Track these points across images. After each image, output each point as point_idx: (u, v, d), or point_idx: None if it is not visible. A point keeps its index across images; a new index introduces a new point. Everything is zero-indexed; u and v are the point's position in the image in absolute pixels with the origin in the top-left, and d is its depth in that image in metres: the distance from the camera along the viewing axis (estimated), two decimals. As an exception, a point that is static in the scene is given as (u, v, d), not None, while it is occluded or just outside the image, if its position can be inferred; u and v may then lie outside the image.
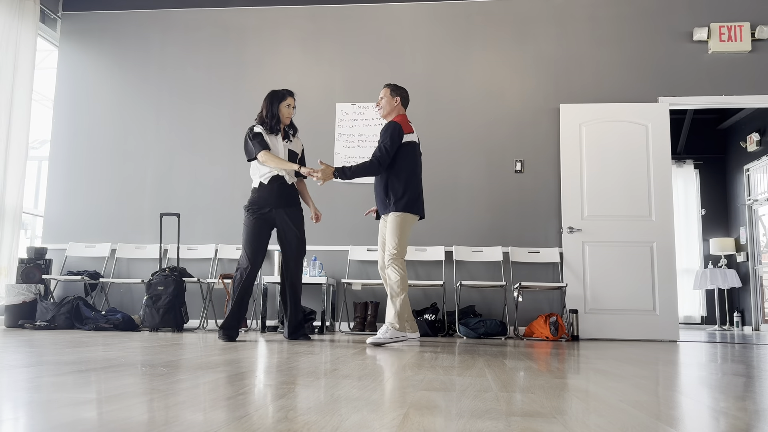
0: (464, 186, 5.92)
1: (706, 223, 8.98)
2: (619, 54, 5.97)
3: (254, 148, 4.20)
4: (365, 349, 3.52)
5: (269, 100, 4.34)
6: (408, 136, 4.11)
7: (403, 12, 6.24)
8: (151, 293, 5.19)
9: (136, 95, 6.39)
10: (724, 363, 2.96)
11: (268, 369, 2.24)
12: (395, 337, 3.95)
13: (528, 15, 6.11)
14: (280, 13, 6.37)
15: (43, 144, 7.88)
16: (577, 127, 5.80)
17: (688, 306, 8.86)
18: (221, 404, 1.42)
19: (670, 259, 5.56)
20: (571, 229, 5.67)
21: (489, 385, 1.90)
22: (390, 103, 4.22)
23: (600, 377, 2.21)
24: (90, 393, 1.54)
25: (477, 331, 5.26)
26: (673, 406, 1.54)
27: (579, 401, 1.59)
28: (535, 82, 6.01)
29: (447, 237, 5.87)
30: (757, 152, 8.00)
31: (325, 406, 1.42)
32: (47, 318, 5.28)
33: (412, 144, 4.13)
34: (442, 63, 6.12)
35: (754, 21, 5.84)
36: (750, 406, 1.57)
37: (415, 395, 1.63)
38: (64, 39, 6.54)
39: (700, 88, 5.84)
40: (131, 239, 6.15)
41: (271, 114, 4.31)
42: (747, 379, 2.25)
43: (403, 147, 4.07)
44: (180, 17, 6.47)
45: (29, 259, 5.71)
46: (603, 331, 5.52)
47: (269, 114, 4.31)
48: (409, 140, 4.11)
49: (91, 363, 2.31)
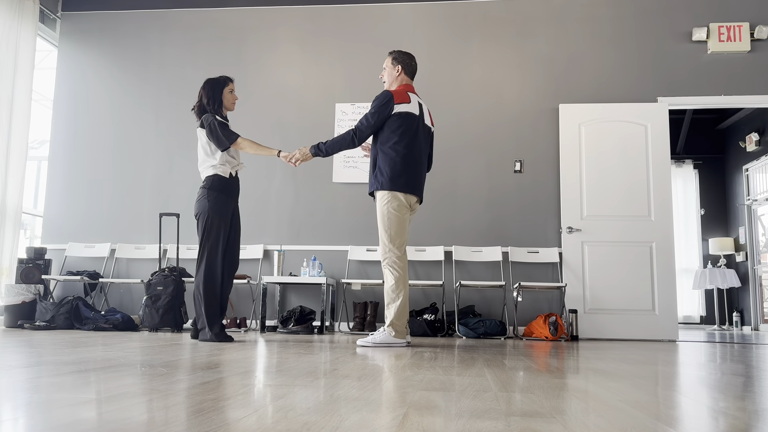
0: (464, 186, 5.93)
1: (705, 223, 8.98)
2: (618, 54, 5.97)
3: (229, 135, 3.93)
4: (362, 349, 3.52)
5: (210, 87, 4.05)
6: (403, 107, 3.71)
7: (402, 12, 6.24)
8: (150, 293, 5.19)
9: (136, 95, 6.39)
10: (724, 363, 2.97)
11: (267, 369, 2.24)
12: (390, 342, 3.66)
13: (527, 15, 6.11)
14: (279, 13, 6.37)
15: (42, 144, 7.88)
16: (577, 127, 5.81)
17: (688, 306, 8.86)
18: (221, 404, 1.42)
19: (670, 258, 5.57)
20: (571, 229, 5.67)
21: (488, 385, 1.90)
22: (391, 74, 3.88)
23: (599, 377, 2.21)
24: (89, 393, 1.54)
25: (476, 331, 5.26)
26: (672, 406, 1.54)
27: (578, 401, 1.59)
28: (535, 82, 6.01)
29: (446, 237, 5.87)
30: (756, 152, 8.00)
31: (325, 406, 1.42)
32: (46, 318, 5.28)
33: (409, 115, 3.72)
34: (442, 63, 6.12)
35: (753, 21, 5.85)
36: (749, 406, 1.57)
37: (414, 395, 1.63)
38: (64, 39, 6.53)
39: (700, 88, 5.84)
40: (131, 239, 6.15)
41: (213, 100, 4.01)
42: (746, 379, 2.25)
43: (395, 117, 3.69)
44: (179, 17, 6.47)
45: (29, 259, 5.70)
46: (602, 331, 5.52)
47: (211, 101, 4.01)
48: (405, 111, 3.71)
49: (90, 363, 2.31)
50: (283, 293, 5.95)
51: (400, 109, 3.71)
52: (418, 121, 3.76)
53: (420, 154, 3.76)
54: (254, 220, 6.04)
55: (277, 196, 6.06)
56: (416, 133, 3.73)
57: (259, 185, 6.09)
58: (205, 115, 3.99)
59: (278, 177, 6.09)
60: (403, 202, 3.70)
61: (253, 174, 6.09)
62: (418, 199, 3.82)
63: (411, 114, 3.73)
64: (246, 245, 6.00)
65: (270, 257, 6.00)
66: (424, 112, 3.88)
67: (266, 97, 6.24)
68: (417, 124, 3.75)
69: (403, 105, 3.71)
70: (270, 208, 6.06)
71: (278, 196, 6.06)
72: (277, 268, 5.62)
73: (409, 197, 3.74)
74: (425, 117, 3.87)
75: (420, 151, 3.76)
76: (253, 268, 5.98)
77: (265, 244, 6.00)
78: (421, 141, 3.77)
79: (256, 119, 6.20)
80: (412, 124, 3.72)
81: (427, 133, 3.89)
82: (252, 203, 6.06)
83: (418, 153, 3.74)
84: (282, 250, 5.85)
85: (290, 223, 6.02)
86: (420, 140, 3.76)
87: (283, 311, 5.87)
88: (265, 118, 6.20)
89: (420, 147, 3.76)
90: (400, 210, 3.69)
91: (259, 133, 6.16)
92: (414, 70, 3.91)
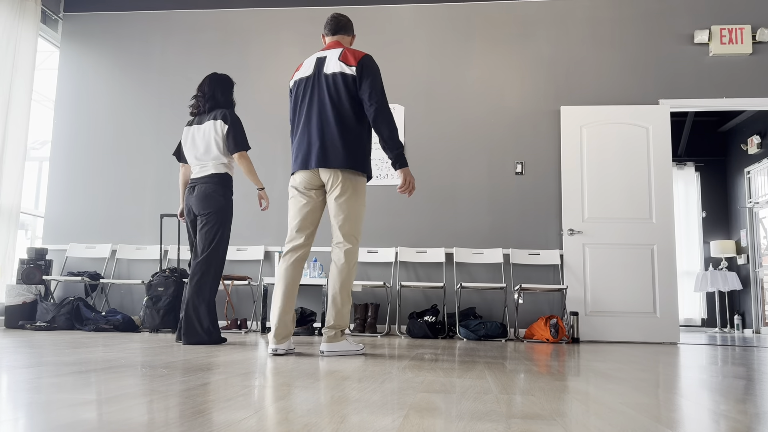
0: (465, 188, 5.92)
1: (706, 226, 8.97)
2: (619, 56, 5.97)
3: (245, 141, 3.87)
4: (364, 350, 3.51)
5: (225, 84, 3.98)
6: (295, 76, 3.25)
7: (403, 14, 6.24)
8: (151, 294, 5.19)
9: (137, 96, 6.40)
10: (725, 366, 2.96)
11: (268, 370, 2.24)
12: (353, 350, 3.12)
13: (529, 17, 6.11)
14: (281, 15, 6.37)
15: (44, 145, 7.89)
16: (578, 129, 5.80)
17: (689, 308, 8.85)
18: (221, 405, 1.42)
19: (671, 261, 5.56)
20: (572, 231, 5.67)
21: (489, 387, 1.90)
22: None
23: (600, 380, 2.20)
24: (90, 394, 1.54)
25: (477, 333, 5.26)
26: (673, 409, 1.54)
27: (579, 403, 1.59)
28: (536, 84, 6.01)
29: (447, 239, 5.87)
30: (757, 155, 8.00)
31: (325, 408, 1.41)
32: (47, 319, 5.28)
33: (296, 84, 3.24)
34: (443, 65, 6.12)
35: (755, 23, 5.84)
36: (750, 409, 1.57)
37: (415, 397, 1.63)
38: (66, 40, 6.54)
39: (701, 91, 5.84)
40: (132, 240, 6.15)
41: (229, 98, 4.00)
42: (747, 382, 2.25)
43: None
44: (181, 19, 6.48)
45: (30, 259, 5.71)
46: (603, 333, 5.51)
47: (229, 98, 4.00)
48: (295, 80, 3.24)
49: (91, 364, 2.31)
50: (284, 294, 5.94)
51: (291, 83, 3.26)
52: (306, 83, 3.16)
53: (309, 120, 3.10)
54: (255, 222, 6.04)
55: (278, 198, 6.06)
56: (304, 98, 3.15)
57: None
58: (229, 110, 3.90)
59: (279, 178, 6.09)
60: (295, 185, 3.15)
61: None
62: (316, 169, 3.06)
63: (298, 81, 3.20)
64: (247, 246, 6.00)
65: (271, 258, 5.99)
66: (327, 60, 3.15)
67: (268, 100, 6.24)
68: (304, 88, 3.16)
69: (295, 75, 3.25)
70: (271, 209, 6.06)
71: (279, 198, 6.06)
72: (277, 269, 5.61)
73: (300, 174, 3.12)
74: (325, 65, 3.13)
75: (310, 116, 3.11)
76: (253, 269, 5.98)
77: (266, 246, 6.00)
78: (314, 102, 3.11)
79: (259, 121, 6.20)
80: (299, 93, 3.18)
81: (332, 81, 3.09)
82: (253, 204, 6.06)
83: (307, 120, 3.11)
84: (283, 251, 5.84)
85: (291, 224, 6.01)
86: (312, 102, 3.11)
87: (283, 312, 5.86)
88: (267, 120, 6.20)
89: (310, 112, 3.11)
90: (291, 195, 3.19)
91: (261, 136, 6.16)
92: (326, 24, 3.28)
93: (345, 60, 3.09)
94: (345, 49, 3.15)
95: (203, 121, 3.93)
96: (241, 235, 6.04)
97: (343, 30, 3.27)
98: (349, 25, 3.30)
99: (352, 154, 3.04)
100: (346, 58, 3.10)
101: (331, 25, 3.25)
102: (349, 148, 3.03)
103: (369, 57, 3.12)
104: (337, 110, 3.06)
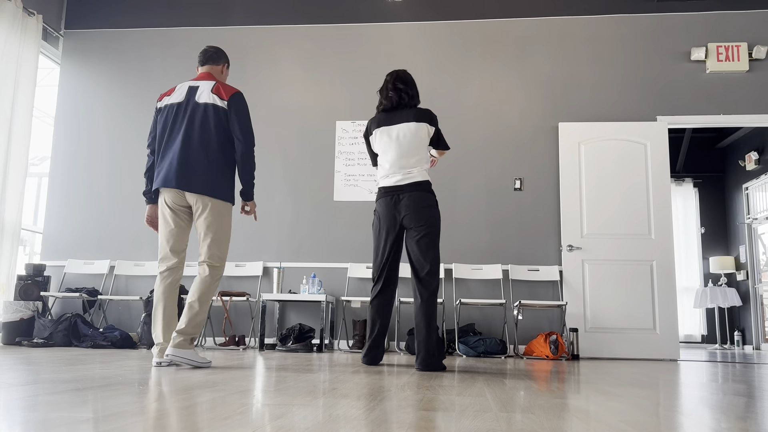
0: (463, 204, 5.93)
1: (705, 242, 8.98)
2: (617, 73, 6.01)
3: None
4: (362, 368, 3.49)
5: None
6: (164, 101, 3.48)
7: (401, 31, 6.29)
8: (149, 310, 5.17)
9: (137, 113, 6.42)
10: (725, 383, 2.95)
11: (266, 388, 2.23)
12: (199, 361, 3.17)
13: (526, 34, 6.16)
14: (280, 32, 6.42)
15: (43, 160, 7.90)
16: (576, 145, 5.83)
17: (689, 325, 8.83)
18: (219, 424, 1.41)
19: (670, 277, 5.55)
20: (571, 247, 5.67)
21: (489, 404, 1.89)
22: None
23: (600, 397, 2.19)
24: (87, 412, 1.53)
25: (477, 349, 5.23)
26: (673, 427, 1.53)
27: (579, 422, 1.58)
28: (534, 100, 6.05)
29: (446, 255, 5.86)
30: (755, 171, 8.03)
31: (323, 426, 1.40)
32: (45, 335, 5.26)
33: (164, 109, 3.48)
34: (441, 82, 6.16)
35: (751, 41, 5.89)
36: (752, 427, 1.56)
37: (414, 415, 1.62)
38: (66, 57, 6.58)
39: (699, 107, 5.87)
40: (130, 256, 6.14)
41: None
42: (748, 399, 2.23)
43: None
44: (181, 36, 6.52)
45: (27, 275, 5.69)
46: (603, 350, 5.49)
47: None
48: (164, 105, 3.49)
49: (88, 381, 2.29)
50: (283, 311, 5.93)
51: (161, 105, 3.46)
52: (177, 108, 3.37)
53: (174, 143, 3.32)
54: (254, 237, 6.04)
55: (277, 214, 6.06)
56: (174, 123, 3.36)
57: (259, 202, 6.09)
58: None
59: (278, 194, 6.10)
60: (168, 203, 3.34)
61: (254, 191, 6.09)
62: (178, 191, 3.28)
63: (169, 105, 3.42)
64: (245, 262, 5.99)
65: (269, 274, 5.98)
66: (199, 90, 3.39)
67: (267, 116, 6.27)
68: (175, 113, 3.36)
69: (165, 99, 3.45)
70: (270, 225, 6.06)
71: (278, 214, 6.06)
72: (276, 286, 5.61)
73: (168, 193, 3.32)
74: (197, 95, 3.38)
75: (176, 140, 3.32)
76: (252, 286, 5.97)
77: (264, 261, 5.99)
78: (182, 128, 3.32)
79: (257, 137, 6.22)
80: (168, 117, 3.39)
81: (203, 110, 3.34)
82: (252, 220, 6.06)
83: (172, 143, 3.32)
84: (282, 267, 5.83)
85: (290, 240, 6.02)
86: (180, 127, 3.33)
87: (282, 329, 5.85)
88: (265, 136, 6.22)
89: (177, 136, 3.32)
90: (162, 212, 3.37)
91: (259, 151, 6.18)
92: (198, 56, 3.56)
93: (218, 93, 3.38)
94: (218, 82, 3.44)
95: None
96: (240, 251, 6.03)
97: (212, 61, 3.55)
98: (220, 56, 3.58)
99: (219, 182, 3.32)
100: (218, 92, 3.39)
101: (201, 56, 3.55)
102: (215, 175, 3.31)
103: (239, 93, 3.42)
104: (206, 138, 3.32)
